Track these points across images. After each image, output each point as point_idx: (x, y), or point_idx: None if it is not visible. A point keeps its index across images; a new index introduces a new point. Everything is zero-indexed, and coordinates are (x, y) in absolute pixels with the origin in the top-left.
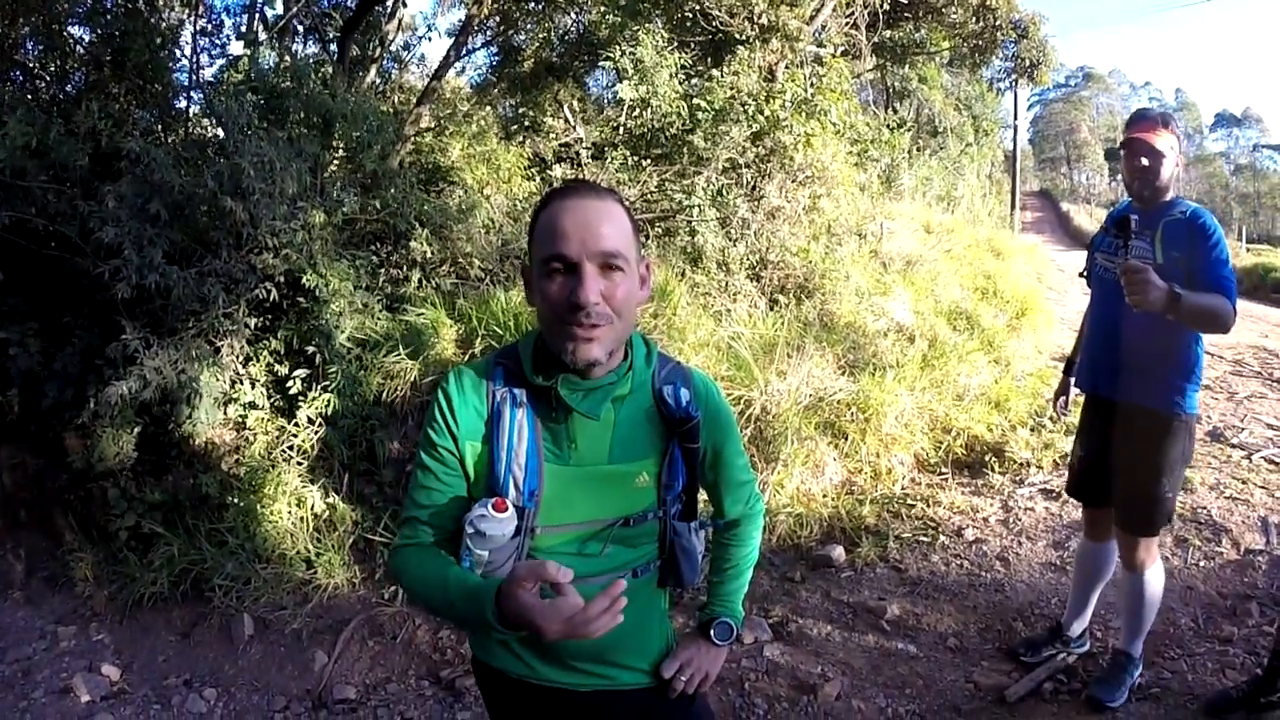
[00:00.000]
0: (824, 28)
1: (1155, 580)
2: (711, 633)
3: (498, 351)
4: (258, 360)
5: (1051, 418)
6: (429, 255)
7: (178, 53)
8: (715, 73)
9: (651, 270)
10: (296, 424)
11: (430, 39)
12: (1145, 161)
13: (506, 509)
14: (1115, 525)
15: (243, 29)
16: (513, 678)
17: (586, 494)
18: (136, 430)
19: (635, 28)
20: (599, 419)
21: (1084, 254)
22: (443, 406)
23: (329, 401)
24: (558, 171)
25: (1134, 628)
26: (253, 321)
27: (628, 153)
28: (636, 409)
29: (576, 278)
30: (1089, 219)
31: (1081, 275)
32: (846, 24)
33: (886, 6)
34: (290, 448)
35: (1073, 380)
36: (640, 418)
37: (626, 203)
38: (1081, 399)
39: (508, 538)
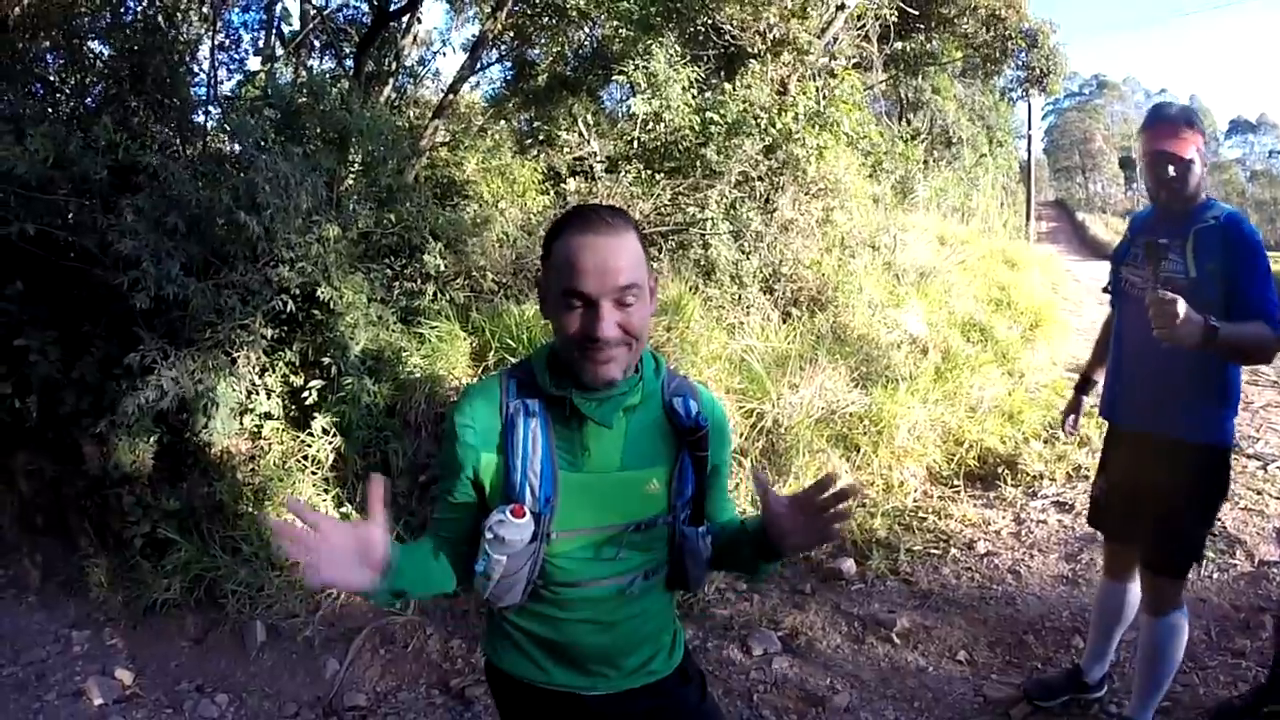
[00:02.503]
0: (835, 40)
1: (1179, 630)
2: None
3: (510, 366)
4: (273, 371)
5: (1064, 437)
6: (443, 269)
7: (196, 68)
8: (728, 86)
9: (657, 282)
10: (311, 434)
11: (445, 54)
12: (1171, 172)
13: (524, 515)
14: (1140, 564)
15: (260, 44)
16: (525, 682)
17: (600, 500)
18: (153, 439)
19: (648, 42)
20: (612, 427)
21: (1100, 264)
22: (459, 425)
23: (344, 412)
24: (572, 185)
25: (1148, 689)
26: (269, 333)
27: (641, 166)
28: (646, 419)
29: (594, 312)
30: (1104, 228)
31: (1105, 291)
32: (858, 36)
33: (897, 18)
34: (305, 458)
35: (1085, 399)
36: (650, 427)
37: (635, 221)
38: (1100, 421)
39: (525, 542)
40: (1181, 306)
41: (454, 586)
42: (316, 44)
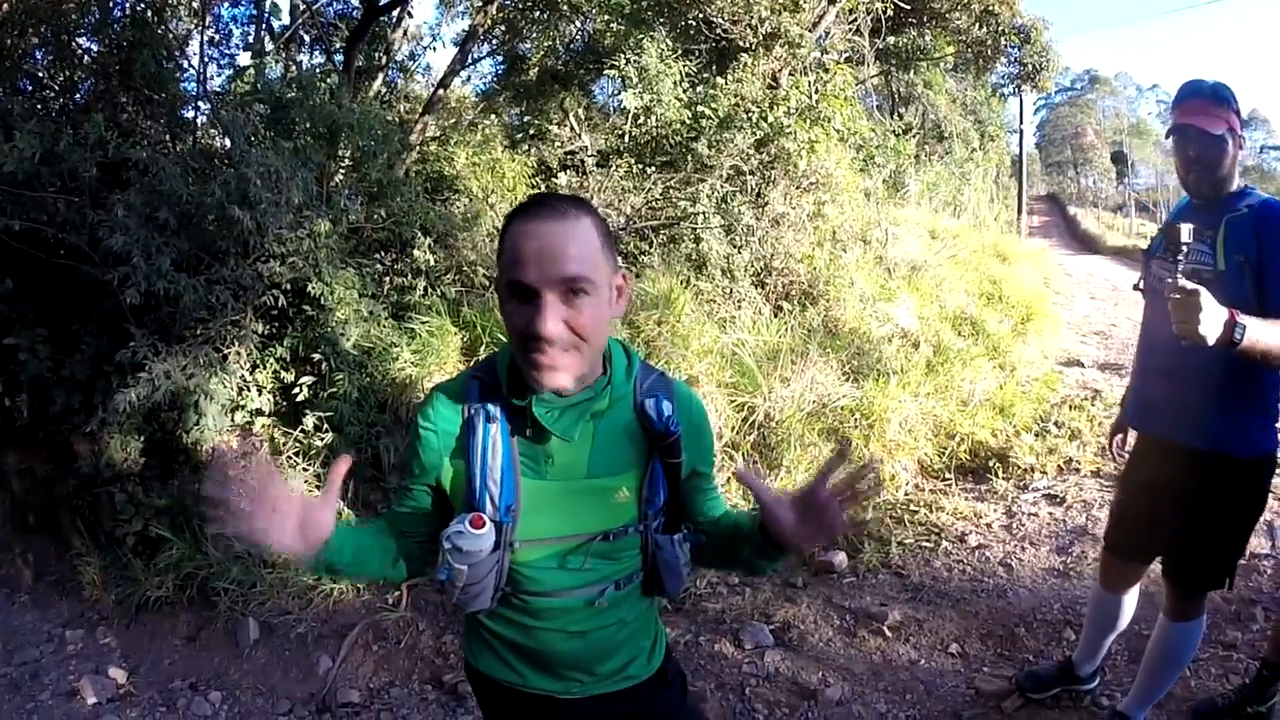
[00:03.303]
0: (827, 34)
1: (1195, 636)
2: None
3: (476, 365)
4: (264, 367)
5: (1111, 458)
6: (434, 264)
7: (185, 63)
8: (719, 80)
9: (628, 281)
10: (303, 430)
11: (435, 49)
12: (1197, 151)
13: (484, 525)
14: (1165, 577)
15: (250, 39)
16: (502, 684)
17: (565, 508)
18: (144, 436)
19: (639, 36)
20: (574, 440)
21: (1091, 258)
22: (421, 428)
23: (335, 408)
24: (563, 179)
25: (1150, 688)
26: (260, 328)
27: (632, 160)
28: (616, 423)
29: (536, 307)
30: (1096, 223)
31: (1136, 289)
32: (850, 30)
33: (890, 12)
34: (296, 454)
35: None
36: (620, 431)
37: (597, 212)
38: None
39: (486, 552)
40: (1204, 299)
41: (403, 577)
42: (306, 39)
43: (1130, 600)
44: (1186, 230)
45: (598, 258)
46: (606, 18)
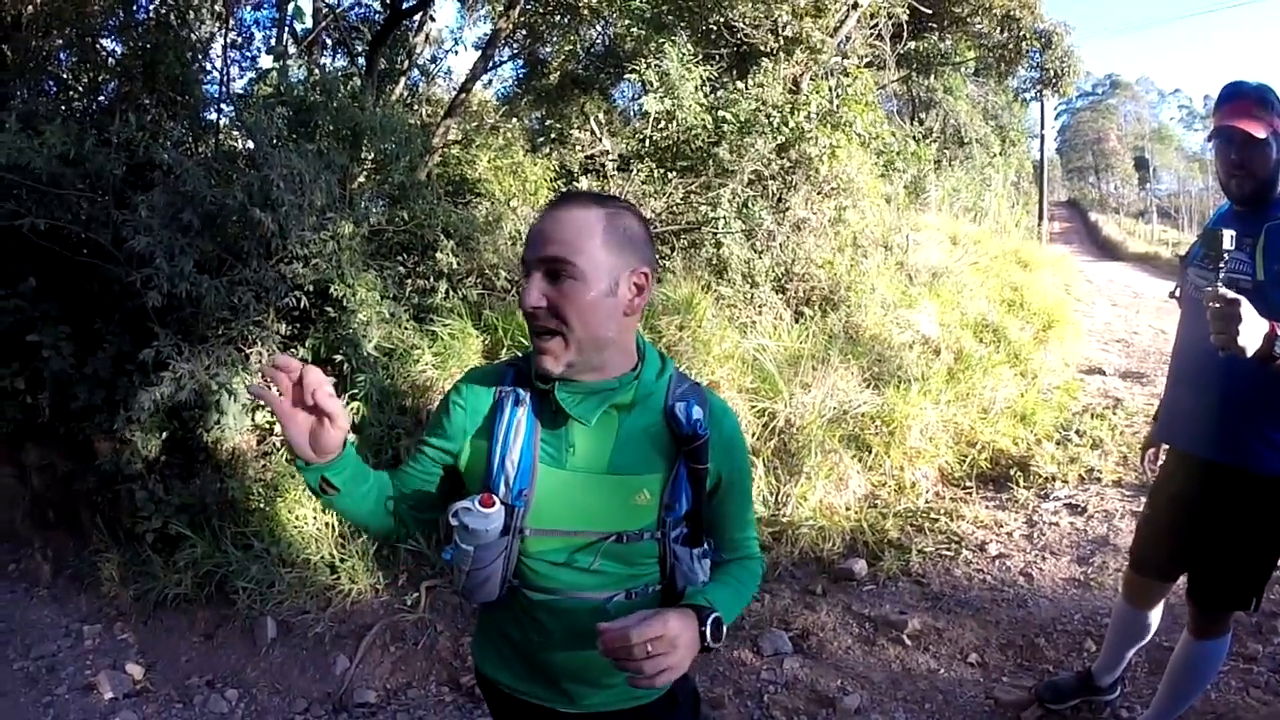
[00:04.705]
0: (848, 39)
1: (1218, 655)
2: (707, 627)
3: (515, 356)
4: None
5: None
6: (455, 266)
7: (208, 65)
8: (740, 85)
9: (649, 279)
10: None
11: (457, 52)
12: (1240, 155)
13: (494, 505)
14: (1188, 595)
15: (272, 42)
16: (505, 690)
17: (580, 501)
18: (165, 434)
19: (660, 40)
20: (591, 424)
21: (1113, 265)
22: (451, 400)
23: (357, 409)
24: (584, 184)
25: (1171, 703)
26: (282, 329)
27: (653, 165)
28: (643, 422)
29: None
30: (1117, 229)
31: (1172, 296)
32: (871, 35)
33: (910, 17)
34: None
35: None
36: (646, 432)
37: (626, 208)
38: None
39: (494, 535)
40: (1245, 309)
41: (389, 533)
42: (329, 42)
43: (1155, 615)
44: (1229, 237)
45: (589, 245)
46: (627, 22)
